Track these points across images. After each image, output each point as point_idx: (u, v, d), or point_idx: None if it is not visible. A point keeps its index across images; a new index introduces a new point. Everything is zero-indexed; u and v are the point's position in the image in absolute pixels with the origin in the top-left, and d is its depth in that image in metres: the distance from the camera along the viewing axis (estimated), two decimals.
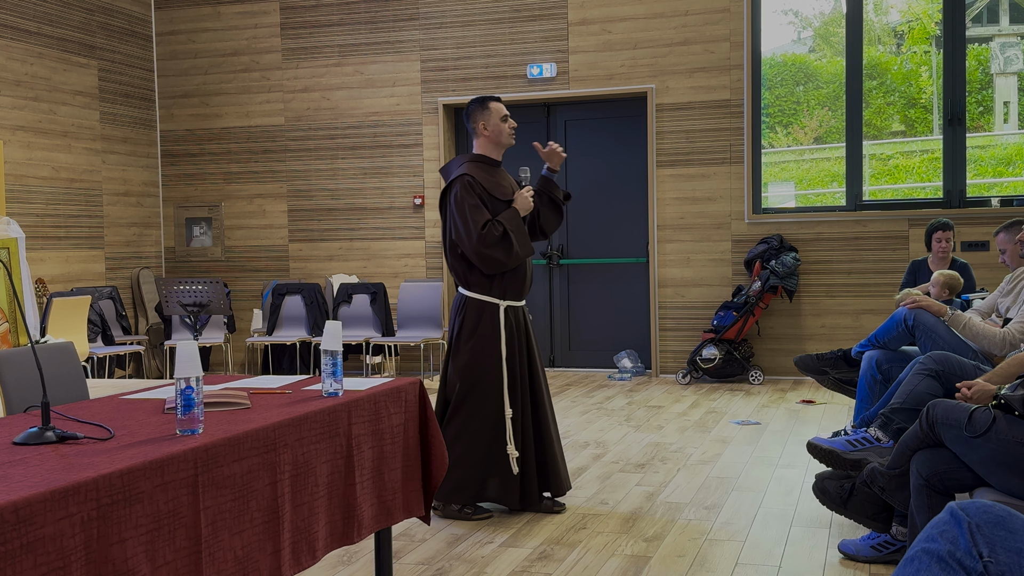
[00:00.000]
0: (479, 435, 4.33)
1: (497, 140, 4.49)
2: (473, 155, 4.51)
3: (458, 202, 4.30)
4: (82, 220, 9.15)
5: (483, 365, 4.33)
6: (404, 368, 9.57)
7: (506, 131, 4.48)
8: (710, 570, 3.63)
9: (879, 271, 8.21)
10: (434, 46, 9.30)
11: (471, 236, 4.25)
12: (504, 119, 4.49)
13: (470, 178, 4.34)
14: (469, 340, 4.35)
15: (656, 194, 8.75)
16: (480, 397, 4.34)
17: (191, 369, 2.40)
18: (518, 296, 4.45)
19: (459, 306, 4.42)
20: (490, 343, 4.34)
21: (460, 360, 4.36)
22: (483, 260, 4.28)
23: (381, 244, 9.54)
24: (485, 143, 4.51)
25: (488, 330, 4.34)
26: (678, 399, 7.54)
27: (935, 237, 6.60)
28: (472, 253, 4.28)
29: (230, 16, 9.89)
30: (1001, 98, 8.67)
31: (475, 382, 4.34)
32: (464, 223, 4.27)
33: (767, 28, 8.68)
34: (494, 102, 4.50)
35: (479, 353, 4.34)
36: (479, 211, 4.28)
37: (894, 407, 3.70)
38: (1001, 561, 1.33)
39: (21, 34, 8.50)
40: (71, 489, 1.91)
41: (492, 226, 4.28)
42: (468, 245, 4.28)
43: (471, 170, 4.39)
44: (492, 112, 4.47)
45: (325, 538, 2.76)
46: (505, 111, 4.52)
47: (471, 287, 4.39)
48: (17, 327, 5.53)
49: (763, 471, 5.16)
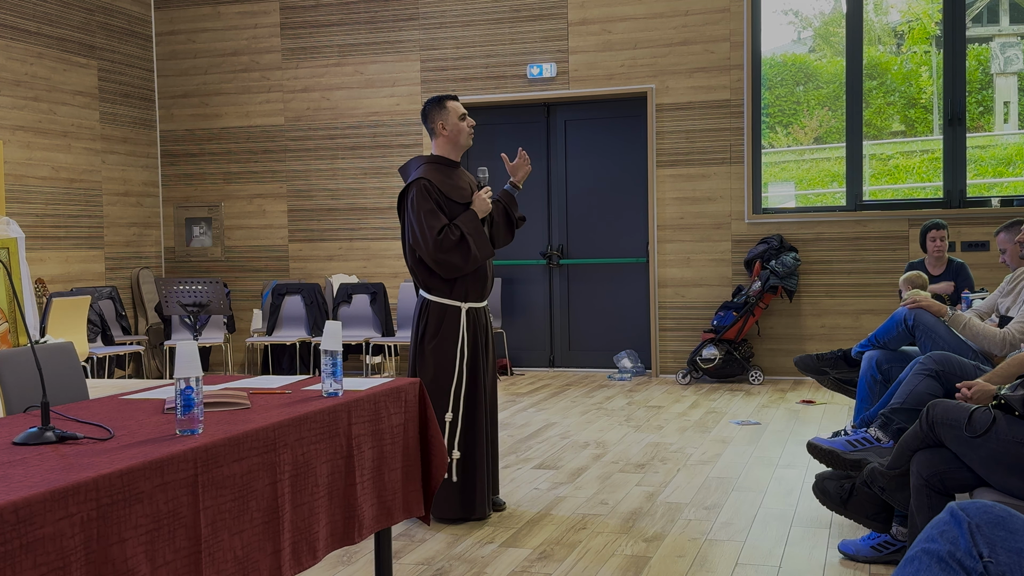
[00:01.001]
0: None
1: (455, 140, 4.44)
2: (431, 156, 4.46)
3: (415, 207, 4.23)
4: (82, 220, 9.15)
5: (446, 368, 4.29)
6: (404, 368, 9.57)
7: (465, 130, 4.43)
8: (710, 570, 3.63)
9: (879, 271, 8.21)
10: (434, 46, 9.30)
11: (427, 242, 4.19)
12: (462, 118, 4.43)
13: (426, 182, 4.28)
14: (431, 342, 4.31)
15: (656, 194, 8.75)
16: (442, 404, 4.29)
17: (191, 369, 2.40)
18: (479, 298, 4.40)
19: (421, 309, 4.36)
20: (452, 346, 4.29)
21: (423, 363, 4.31)
22: (441, 265, 4.23)
23: (381, 244, 9.54)
24: (443, 143, 4.45)
25: (450, 333, 4.30)
26: (678, 399, 7.54)
27: (929, 236, 6.60)
28: (429, 259, 4.23)
29: (230, 16, 9.89)
30: (1001, 98, 8.67)
31: (438, 386, 4.29)
32: (420, 229, 4.21)
33: (767, 28, 8.68)
34: (451, 101, 4.42)
35: (442, 356, 4.29)
36: (435, 216, 4.21)
37: (894, 407, 3.70)
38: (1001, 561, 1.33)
39: (21, 34, 8.50)
40: (71, 489, 1.91)
41: (449, 231, 4.22)
42: (425, 250, 4.22)
43: (428, 173, 4.32)
44: (450, 111, 4.40)
45: (325, 538, 2.76)
46: (463, 110, 4.45)
47: (432, 291, 4.34)
48: (17, 327, 5.53)
49: (763, 471, 5.16)
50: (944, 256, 6.59)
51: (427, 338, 4.31)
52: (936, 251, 6.55)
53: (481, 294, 4.40)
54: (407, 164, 4.52)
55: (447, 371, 4.29)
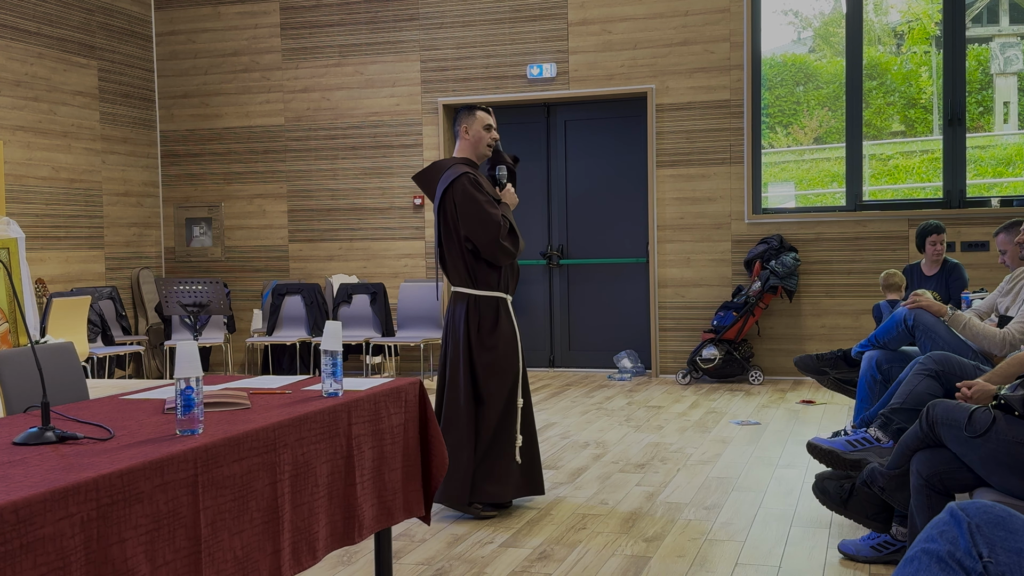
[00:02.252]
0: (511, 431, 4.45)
1: (476, 146, 4.59)
2: (459, 158, 4.60)
3: (471, 199, 4.38)
4: (82, 220, 9.15)
5: (510, 360, 4.47)
6: (404, 368, 9.57)
7: (485, 139, 4.58)
8: (710, 570, 3.63)
9: (879, 271, 8.21)
10: (434, 46, 9.30)
11: (492, 229, 4.35)
12: (487, 128, 4.58)
13: (472, 175, 4.44)
14: (491, 337, 4.43)
15: (656, 194, 8.75)
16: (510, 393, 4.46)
17: (191, 369, 2.40)
18: (513, 291, 4.65)
19: (468, 305, 4.45)
20: (511, 338, 4.49)
21: (485, 359, 4.42)
22: (500, 253, 4.39)
23: (381, 244, 9.54)
24: (465, 147, 4.60)
25: (507, 325, 4.49)
26: (678, 399, 7.54)
27: (929, 240, 6.60)
28: (492, 246, 4.37)
29: (230, 16, 9.89)
30: (1001, 98, 8.67)
31: (508, 379, 4.45)
32: (482, 218, 4.36)
33: (767, 28, 8.68)
34: (482, 111, 4.60)
35: (505, 349, 4.46)
36: (492, 205, 4.42)
37: (894, 407, 3.70)
38: (1001, 561, 1.33)
39: (21, 34, 8.50)
40: (71, 489, 1.91)
41: (503, 221, 4.42)
42: (488, 239, 4.36)
43: (471, 170, 4.51)
44: (477, 119, 4.57)
45: (325, 538, 2.76)
46: (490, 121, 4.60)
47: (479, 284, 4.46)
48: (17, 327, 5.53)
49: (763, 471, 5.16)
50: (942, 259, 6.60)
51: (485, 332, 4.43)
52: (935, 254, 6.55)
53: (514, 288, 4.65)
54: (433, 167, 4.62)
55: (513, 360, 4.47)
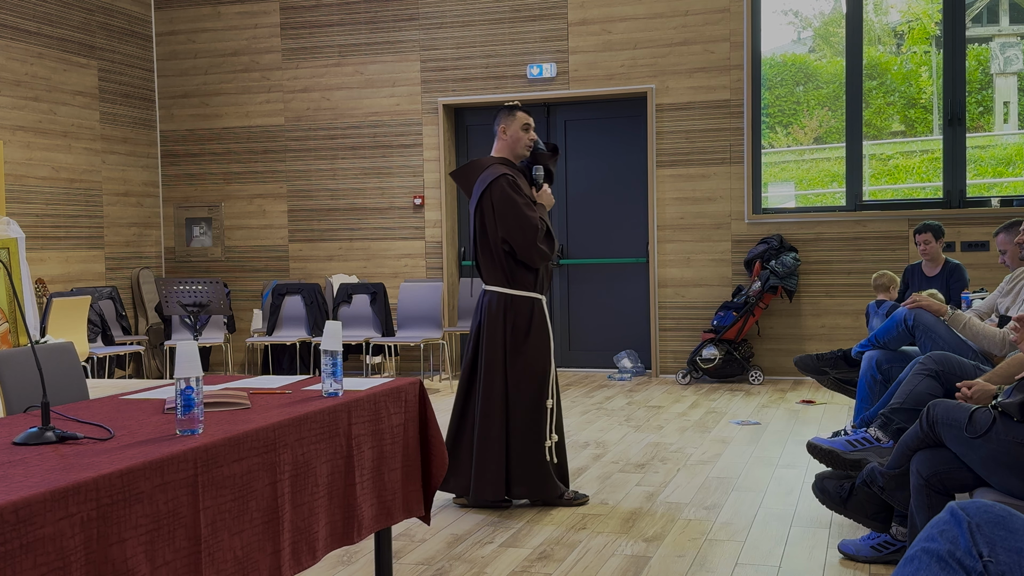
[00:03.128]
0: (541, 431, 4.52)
1: (513, 146, 4.63)
2: (498, 158, 4.64)
3: (509, 201, 4.42)
4: (82, 220, 9.15)
5: (544, 359, 4.52)
6: (404, 368, 9.57)
7: (524, 140, 4.62)
8: (710, 570, 3.63)
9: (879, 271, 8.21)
10: (434, 46, 9.30)
11: (527, 231, 4.40)
12: (525, 128, 4.62)
13: (511, 177, 4.49)
14: (526, 338, 4.50)
15: (656, 194, 8.75)
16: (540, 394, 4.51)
17: (191, 369, 2.40)
18: (547, 291, 4.72)
19: (504, 305, 4.50)
20: (544, 340, 4.53)
21: (520, 359, 4.47)
22: (537, 255, 4.45)
23: (381, 244, 9.54)
24: (502, 147, 4.65)
25: (540, 327, 4.53)
26: (678, 399, 7.54)
27: (915, 240, 6.62)
28: (529, 248, 4.42)
29: (230, 16, 9.89)
30: (1001, 98, 8.67)
31: (541, 378, 4.50)
32: (521, 220, 4.41)
33: (767, 28, 8.68)
34: (522, 112, 4.64)
35: (537, 350, 4.51)
36: (530, 208, 4.46)
37: (894, 407, 3.70)
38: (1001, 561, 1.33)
39: (21, 34, 8.50)
40: (71, 489, 1.91)
41: (540, 223, 4.48)
42: (524, 240, 4.41)
43: (509, 171, 4.54)
44: (516, 120, 4.62)
45: (325, 538, 2.76)
46: (528, 121, 4.63)
47: (515, 285, 4.52)
48: (17, 327, 5.53)
49: (763, 471, 5.16)
50: (939, 257, 6.56)
51: (519, 333, 4.49)
52: (922, 254, 6.54)
53: (548, 289, 4.69)
54: (468, 166, 4.67)
55: (545, 361, 4.52)
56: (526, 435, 4.49)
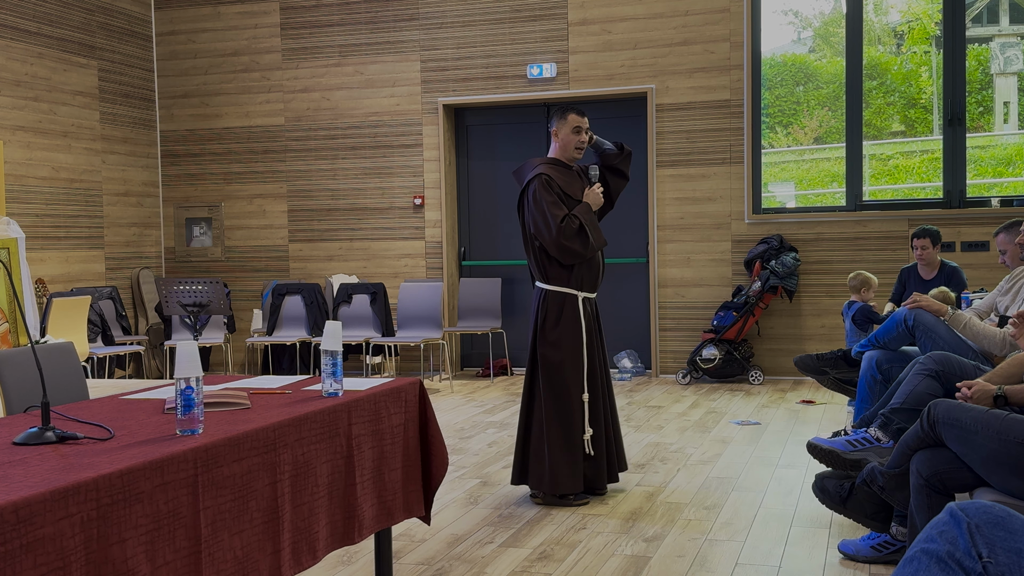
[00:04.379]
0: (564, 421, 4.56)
1: (565, 148, 4.71)
2: (548, 158, 4.75)
3: (536, 199, 4.55)
4: (82, 220, 9.15)
5: (567, 354, 4.57)
6: (404, 368, 9.57)
7: (574, 142, 4.68)
8: (710, 570, 3.63)
9: (879, 271, 8.21)
10: (434, 46, 9.30)
11: (551, 229, 4.50)
12: (576, 131, 4.67)
13: (547, 176, 4.59)
14: (553, 331, 4.60)
15: (656, 194, 8.75)
16: (564, 385, 4.56)
17: (191, 369, 2.40)
18: (592, 288, 4.72)
19: (540, 299, 4.67)
20: (572, 333, 4.59)
21: (545, 351, 4.59)
22: (563, 252, 4.54)
23: (381, 244, 9.54)
24: (557, 149, 4.75)
25: (570, 320, 4.59)
26: (678, 399, 7.54)
27: (913, 244, 6.61)
28: (553, 245, 4.53)
29: (230, 16, 9.89)
30: (1001, 98, 8.67)
31: (560, 371, 4.56)
32: (544, 218, 4.52)
33: (767, 28, 8.68)
34: (574, 114, 4.68)
35: (563, 343, 4.58)
36: (557, 206, 4.53)
37: (894, 407, 3.70)
38: (1000, 562, 1.33)
39: (21, 34, 8.50)
40: (71, 489, 1.91)
41: (569, 220, 4.52)
42: (548, 238, 4.52)
43: (547, 170, 4.63)
44: (567, 123, 4.67)
45: (325, 538, 2.77)
46: (580, 123, 4.67)
47: (550, 280, 4.64)
48: (17, 327, 5.53)
49: (763, 471, 5.16)
50: (935, 261, 6.55)
51: (548, 326, 4.61)
52: (919, 258, 6.53)
53: (594, 284, 4.72)
54: (522, 166, 4.81)
55: (576, 355, 4.58)
56: (541, 428, 4.57)
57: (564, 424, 4.57)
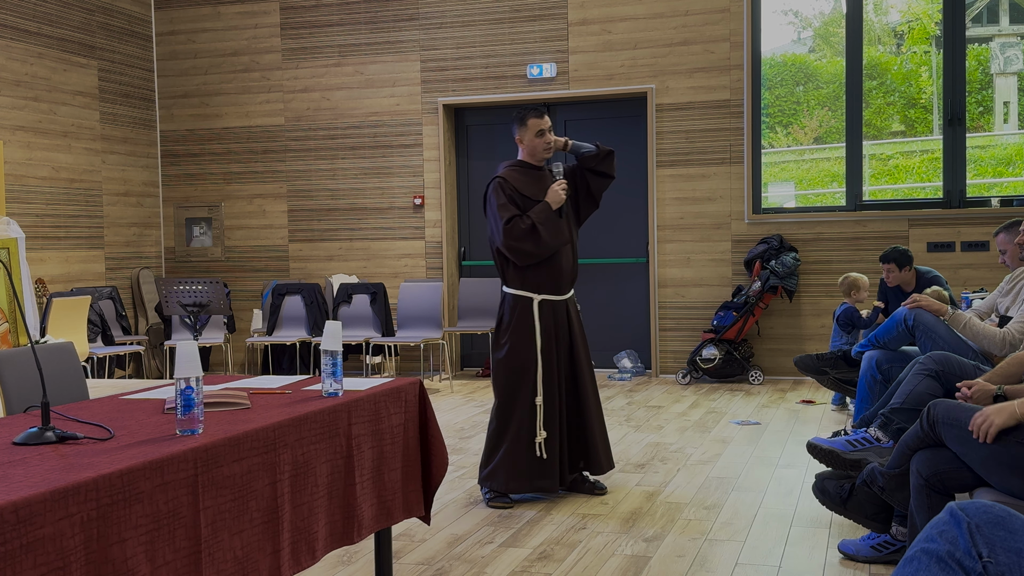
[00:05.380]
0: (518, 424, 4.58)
1: (531, 154, 4.71)
2: (515, 160, 4.77)
3: (489, 202, 4.60)
4: (82, 220, 9.15)
5: (520, 357, 4.58)
6: (404, 368, 9.57)
7: (539, 146, 4.67)
8: (710, 570, 3.63)
9: (879, 271, 8.21)
10: (434, 46, 9.30)
11: (498, 231, 4.53)
12: (539, 134, 4.66)
13: (501, 179, 4.61)
14: (505, 334, 4.62)
15: (656, 194, 8.75)
16: (517, 388, 4.58)
17: (191, 369, 2.40)
18: (555, 290, 4.66)
19: (500, 302, 4.71)
20: (524, 336, 4.58)
21: (500, 353, 4.63)
22: (513, 253, 4.55)
23: (381, 244, 9.54)
24: (523, 152, 4.75)
25: (522, 324, 4.59)
26: (678, 399, 7.54)
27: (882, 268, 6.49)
28: (503, 247, 4.55)
29: (230, 16, 9.89)
30: (1001, 98, 8.67)
31: (513, 374, 4.58)
32: (494, 220, 4.57)
33: (767, 28, 8.68)
34: (533, 118, 4.67)
35: (513, 346, 4.59)
36: (505, 208, 4.55)
37: (894, 407, 3.70)
38: (1000, 561, 1.33)
39: (21, 34, 8.50)
40: (71, 489, 1.91)
41: (519, 220, 4.53)
42: (498, 240, 4.56)
43: (505, 173, 4.66)
44: (528, 128, 4.68)
45: (325, 538, 2.77)
46: (541, 125, 4.67)
47: (509, 283, 4.67)
48: (17, 327, 5.53)
49: (763, 471, 5.16)
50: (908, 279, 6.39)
51: (501, 329, 4.64)
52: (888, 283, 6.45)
53: (556, 287, 4.65)
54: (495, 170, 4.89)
55: (530, 358, 4.57)
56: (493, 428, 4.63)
57: (508, 424, 4.58)
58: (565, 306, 4.70)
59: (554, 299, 4.64)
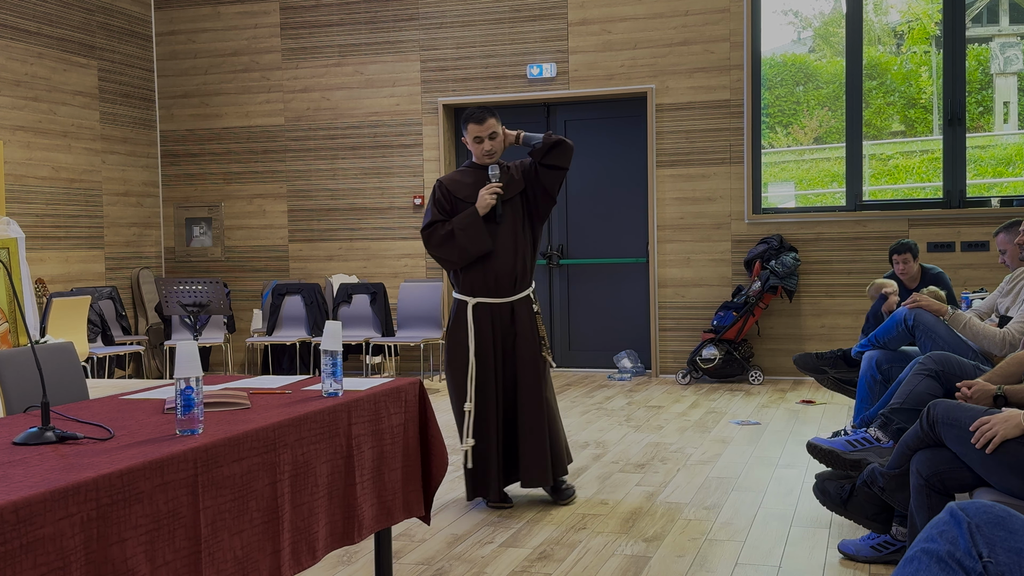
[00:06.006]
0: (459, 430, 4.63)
1: (477, 157, 4.68)
2: (467, 162, 4.76)
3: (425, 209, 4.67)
4: (82, 220, 9.15)
5: (455, 361, 4.59)
6: (404, 368, 9.57)
7: (478, 152, 4.62)
8: (710, 570, 3.63)
9: (879, 271, 8.21)
10: (434, 46, 9.30)
11: (422, 237, 4.61)
12: (477, 141, 4.58)
13: (437, 183, 4.64)
14: (446, 336, 4.67)
15: (656, 194, 8.75)
16: (456, 394, 4.60)
17: (191, 369, 2.40)
18: (492, 293, 4.56)
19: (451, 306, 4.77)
20: (457, 340, 4.59)
21: (445, 355, 4.67)
22: (435, 259, 4.60)
23: (381, 244, 9.54)
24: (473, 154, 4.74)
25: (457, 327, 4.60)
26: (678, 399, 7.54)
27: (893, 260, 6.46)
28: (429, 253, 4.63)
29: (230, 16, 9.89)
30: (1001, 98, 8.67)
31: (452, 379, 4.60)
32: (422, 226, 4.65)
33: (767, 28, 8.68)
34: (471, 124, 4.56)
35: (452, 350, 4.60)
36: (430, 214, 4.59)
37: (894, 407, 3.70)
38: (1000, 561, 1.33)
39: (21, 34, 8.50)
40: (71, 489, 1.91)
41: (438, 227, 4.54)
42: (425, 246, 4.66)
43: (450, 175, 4.68)
44: (468, 134, 4.62)
45: (325, 538, 2.77)
46: (478, 132, 4.55)
47: (454, 287, 4.72)
48: (17, 327, 5.53)
49: (763, 471, 5.16)
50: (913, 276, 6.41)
51: (447, 332, 4.67)
52: (901, 274, 6.42)
53: (493, 290, 4.56)
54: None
55: (462, 363, 4.55)
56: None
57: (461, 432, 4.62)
58: (510, 309, 4.55)
59: (492, 302, 4.53)
